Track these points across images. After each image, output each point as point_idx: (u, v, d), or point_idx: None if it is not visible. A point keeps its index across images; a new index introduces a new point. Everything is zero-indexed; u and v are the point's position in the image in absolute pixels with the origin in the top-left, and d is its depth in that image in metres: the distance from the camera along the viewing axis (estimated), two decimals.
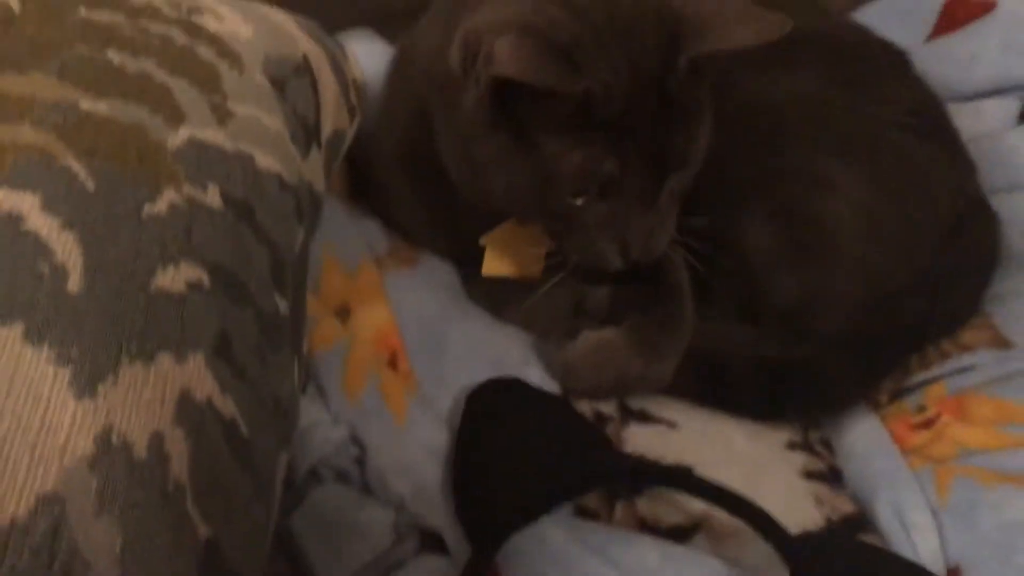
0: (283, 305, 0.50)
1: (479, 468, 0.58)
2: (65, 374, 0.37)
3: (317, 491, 0.53)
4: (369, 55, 0.83)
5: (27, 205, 0.41)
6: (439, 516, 0.54)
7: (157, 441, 0.38)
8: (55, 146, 0.44)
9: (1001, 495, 0.58)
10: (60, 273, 0.39)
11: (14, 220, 0.40)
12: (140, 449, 0.37)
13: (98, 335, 0.38)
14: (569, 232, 0.58)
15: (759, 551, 0.54)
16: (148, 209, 0.44)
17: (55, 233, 0.41)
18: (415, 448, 0.56)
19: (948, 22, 0.89)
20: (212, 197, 0.48)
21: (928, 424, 0.65)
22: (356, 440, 0.56)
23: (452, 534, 0.54)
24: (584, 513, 0.57)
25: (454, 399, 0.59)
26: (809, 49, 0.71)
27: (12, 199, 0.41)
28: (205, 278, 0.44)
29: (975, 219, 0.73)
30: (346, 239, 0.66)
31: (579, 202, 0.56)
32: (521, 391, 0.62)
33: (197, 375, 0.41)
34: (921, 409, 0.66)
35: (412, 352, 0.60)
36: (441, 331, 0.63)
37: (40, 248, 0.40)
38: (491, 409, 0.61)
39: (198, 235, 0.45)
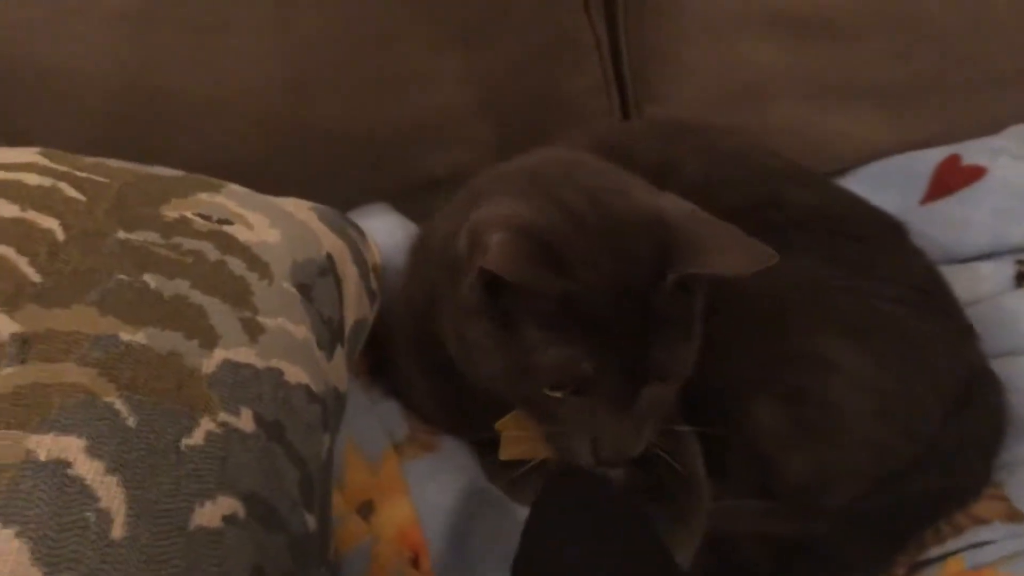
0: (311, 521, 0.51)
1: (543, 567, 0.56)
2: None
3: None
4: (386, 230, 0.86)
5: (73, 449, 0.43)
6: None
7: None
8: (98, 383, 0.47)
9: None
10: (104, 520, 0.41)
11: (62, 466, 0.43)
12: None
13: None
14: (545, 422, 0.60)
15: None
16: (186, 442, 0.47)
17: (100, 477, 0.43)
18: None
19: (940, 187, 0.92)
20: (245, 421, 0.50)
21: None
22: None
23: None
24: None
25: None
26: (806, 230, 0.74)
27: (59, 444, 0.43)
28: (240, 509, 0.46)
29: (980, 388, 0.74)
30: (367, 428, 0.68)
31: (555, 395, 0.58)
32: (595, 488, 0.60)
33: None
34: None
35: (434, 550, 0.61)
36: (463, 523, 0.64)
37: (86, 495, 0.42)
38: (562, 506, 0.58)
39: (233, 464, 0.47)
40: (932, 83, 0.95)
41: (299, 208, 0.72)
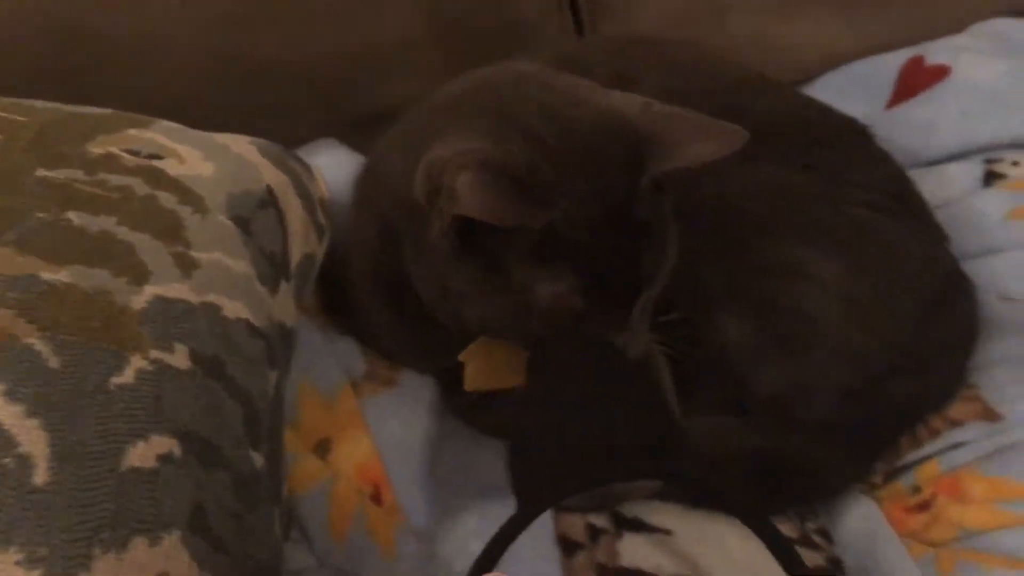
0: (259, 459, 0.49)
1: (541, 427, 0.54)
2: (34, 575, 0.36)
3: None
4: (336, 165, 0.83)
5: None
6: None
7: None
8: (16, 325, 0.44)
9: None
10: (25, 465, 0.39)
11: None
12: None
13: (68, 529, 0.38)
14: (544, 354, 0.57)
15: None
16: (115, 381, 0.44)
17: (19, 421, 0.40)
18: None
19: (905, 89, 0.90)
20: (180, 357, 0.47)
21: (925, 506, 0.64)
22: None
23: None
24: (568, 544, 0.56)
25: (442, 526, 0.58)
26: (771, 139, 0.71)
27: None
28: (176, 448, 0.43)
29: (953, 290, 0.73)
30: (322, 365, 0.65)
31: (555, 327, 0.55)
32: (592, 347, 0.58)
33: (173, 556, 0.40)
34: (916, 490, 0.66)
35: (397, 483, 0.59)
36: (425, 455, 0.62)
37: (4, 440, 0.39)
38: (560, 364, 0.57)
39: (167, 401, 0.45)
40: None
41: (237, 142, 0.68)
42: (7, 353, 0.42)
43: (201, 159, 0.62)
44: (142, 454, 0.42)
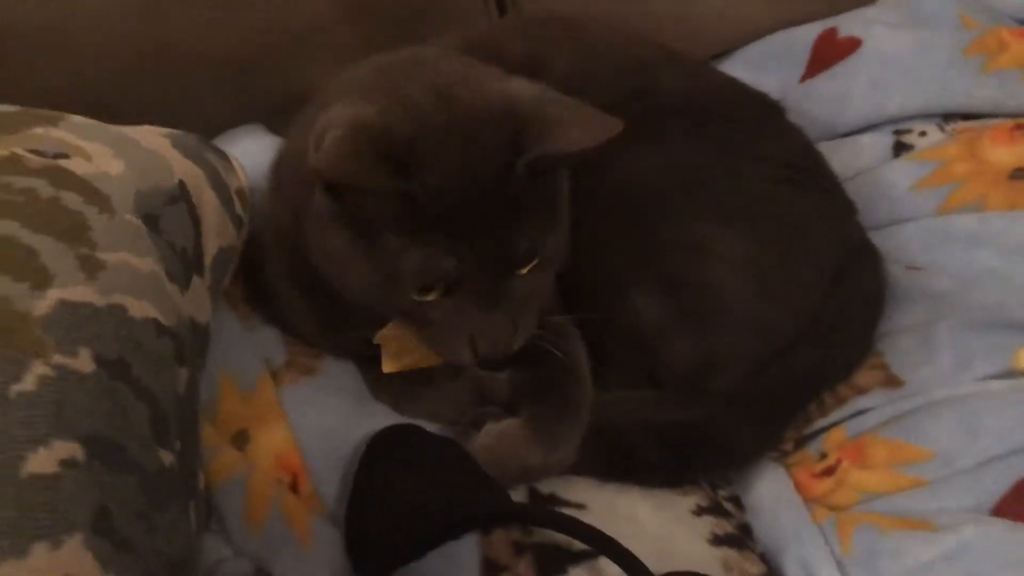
0: (168, 457, 0.50)
1: (373, 504, 0.59)
2: None
3: None
4: (259, 151, 0.83)
5: None
6: None
7: None
8: None
9: (899, 540, 0.60)
10: None
11: None
12: None
13: None
14: (421, 327, 0.59)
15: None
16: (15, 388, 0.45)
17: None
18: (322, 571, 0.56)
19: (819, 62, 0.92)
20: (83, 362, 0.48)
21: (830, 471, 0.67)
22: (262, 571, 0.56)
23: None
24: (492, 567, 0.58)
25: None
26: (681, 116, 0.73)
27: None
28: (79, 452, 0.44)
29: (859, 261, 0.75)
30: (241, 356, 0.66)
31: (425, 299, 0.57)
32: (419, 435, 0.64)
33: (75, 559, 0.41)
34: (823, 456, 0.69)
35: (315, 471, 0.61)
36: (345, 441, 0.63)
37: None
38: (391, 449, 0.62)
39: (70, 407, 0.46)
40: None
41: (149, 136, 0.68)
42: None
43: (110, 156, 0.62)
44: (43, 460, 0.42)
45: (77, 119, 0.65)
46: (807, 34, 0.94)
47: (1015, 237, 0.76)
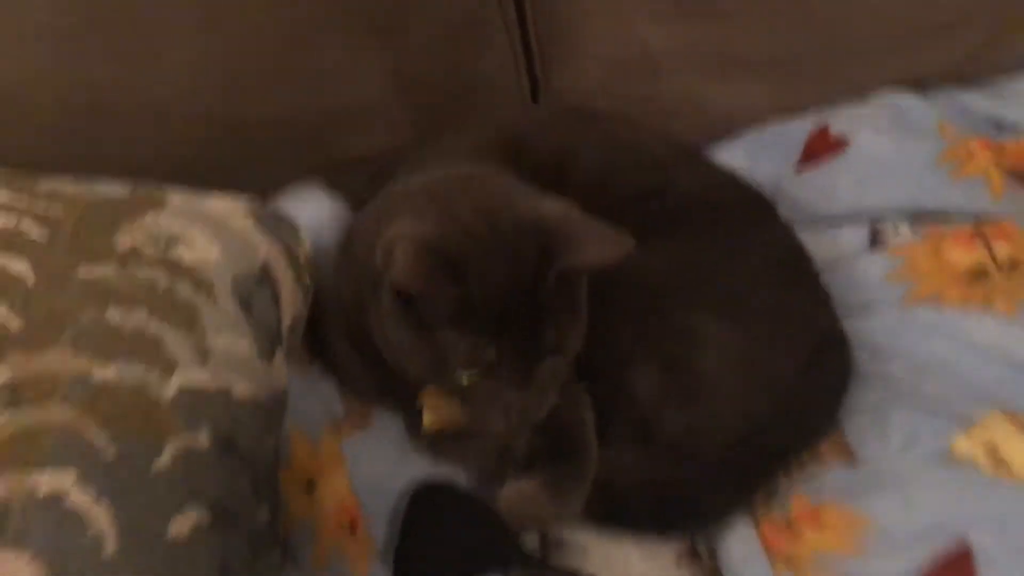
0: (264, 513, 0.63)
1: (414, 548, 0.74)
2: None
3: None
4: (317, 208, 0.96)
5: (67, 483, 0.54)
6: None
7: None
8: (79, 421, 0.57)
9: None
10: (98, 541, 0.52)
11: (58, 499, 0.53)
12: None
13: None
14: (463, 401, 0.72)
15: None
16: (157, 465, 0.57)
17: (91, 506, 0.53)
18: None
19: (811, 156, 1.04)
20: (202, 439, 0.61)
21: (792, 530, 0.80)
22: None
23: None
24: None
25: None
26: (687, 217, 0.85)
27: (54, 480, 0.54)
28: (205, 517, 0.57)
29: (830, 347, 0.87)
30: (308, 411, 0.79)
31: (467, 380, 0.70)
32: (454, 492, 0.78)
33: None
34: (786, 516, 0.81)
35: (368, 516, 0.74)
36: (392, 488, 0.76)
37: (81, 522, 0.53)
38: (430, 502, 0.77)
39: (196, 478, 0.58)
40: (804, 56, 1.04)
41: (235, 214, 0.80)
42: (75, 448, 0.55)
43: (209, 241, 0.74)
44: (180, 525, 0.55)
45: (177, 199, 0.77)
46: (802, 127, 1.05)
47: (965, 333, 0.89)
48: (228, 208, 0.80)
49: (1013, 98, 1.08)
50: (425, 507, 0.75)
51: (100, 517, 0.53)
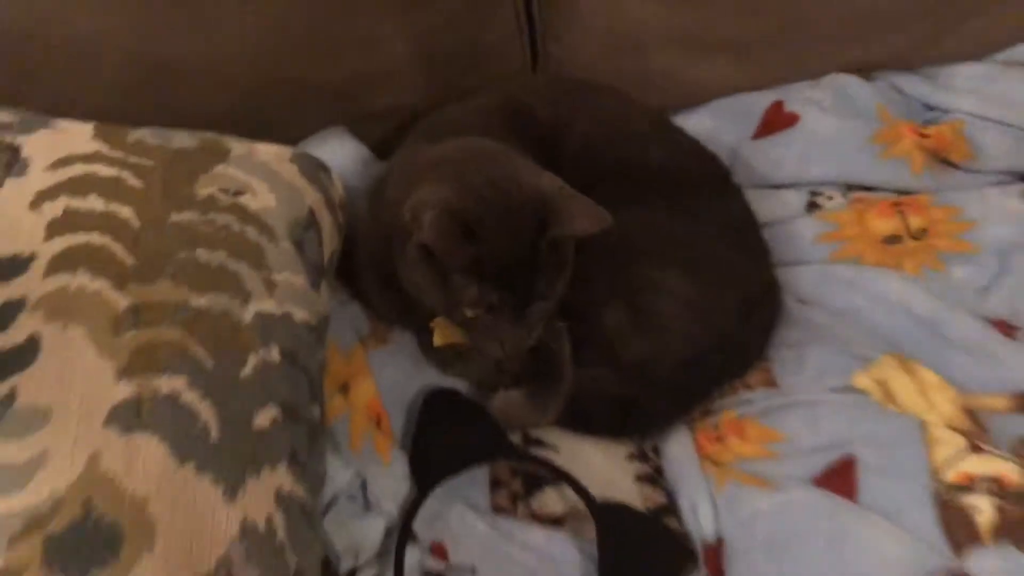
0: (317, 410, 0.82)
1: (426, 440, 0.94)
2: (220, 490, 0.69)
3: (336, 508, 0.88)
4: (341, 153, 1.13)
5: (180, 385, 0.73)
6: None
7: (269, 520, 0.71)
8: (185, 339, 0.75)
9: (751, 491, 0.93)
10: (206, 429, 0.71)
11: (175, 398, 0.72)
12: (262, 524, 0.70)
13: (234, 463, 0.71)
14: (469, 331, 0.91)
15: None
16: (243, 373, 0.76)
17: (197, 402, 0.72)
18: (396, 481, 0.91)
19: (768, 125, 1.21)
20: (274, 353, 0.79)
21: (720, 439, 1.01)
22: (360, 476, 0.90)
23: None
24: (498, 509, 0.93)
25: None
26: (657, 186, 1.03)
27: (170, 382, 0.72)
28: (279, 413, 0.76)
29: (766, 294, 1.07)
30: (341, 328, 0.97)
31: (472, 315, 0.89)
32: (458, 396, 0.99)
33: (284, 477, 0.74)
34: (716, 427, 1.02)
35: (391, 414, 0.94)
36: (408, 392, 0.96)
37: (192, 415, 0.71)
38: (439, 404, 0.97)
39: (270, 384, 0.77)
40: (768, 40, 1.22)
41: (282, 162, 0.96)
42: (184, 359, 0.74)
43: (267, 191, 0.91)
44: (261, 419, 0.74)
45: (238, 149, 0.94)
46: (761, 101, 1.23)
47: (876, 288, 1.08)
48: (275, 154, 0.97)
49: (946, 85, 1.26)
50: (435, 408, 0.95)
51: (205, 412, 0.72)
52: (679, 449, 0.99)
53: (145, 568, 0.65)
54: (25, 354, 0.71)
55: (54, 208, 0.79)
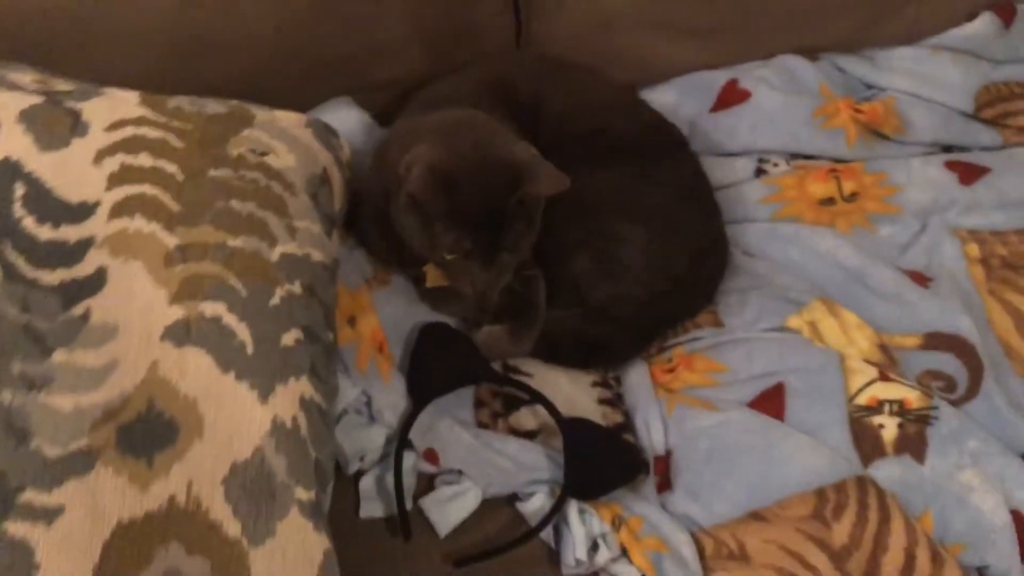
0: (330, 335, 0.98)
1: (421, 364, 1.10)
2: (255, 394, 0.85)
3: (346, 419, 1.05)
4: (347, 119, 1.29)
5: (221, 310, 0.88)
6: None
7: (294, 419, 0.87)
8: (224, 272, 0.91)
9: (696, 412, 1.10)
10: (243, 345, 0.87)
11: (217, 320, 0.88)
12: (289, 422, 0.86)
13: (266, 373, 0.87)
14: (447, 271, 1.08)
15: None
16: (271, 302, 0.91)
17: (235, 323, 0.88)
18: (395, 395, 1.07)
19: (722, 101, 1.37)
20: (297, 287, 0.95)
21: (672, 370, 1.17)
22: (365, 393, 1.06)
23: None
24: (481, 424, 1.10)
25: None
26: (620, 152, 1.19)
27: (213, 307, 0.88)
28: (301, 335, 0.92)
29: (714, 247, 1.24)
30: (349, 270, 1.13)
31: (451, 258, 1.04)
32: (448, 329, 1.15)
33: (306, 385, 0.89)
34: (669, 360, 1.18)
35: (391, 342, 1.10)
36: (405, 325, 1.13)
37: (231, 333, 0.87)
38: (432, 335, 1.13)
39: (295, 311, 0.93)
40: (726, 24, 1.38)
41: (299, 127, 1.11)
42: (223, 288, 0.89)
43: (287, 152, 1.05)
44: (287, 338, 0.90)
45: (261, 116, 1.09)
46: (718, 79, 1.39)
47: (812, 243, 1.25)
48: (293, 120, 1.12)
49: (882, 66, 1.42)
50: (428, 338, 1.11)
51: (242, 332, 0.88)
52: (637, 378, 1.16)
53: (196, 453, 0.81)
54: (95, 282, 0.87)
55: (112, 163, 0.94)
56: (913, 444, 1.06)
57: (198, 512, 0.79)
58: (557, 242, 1.14)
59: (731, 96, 1.37)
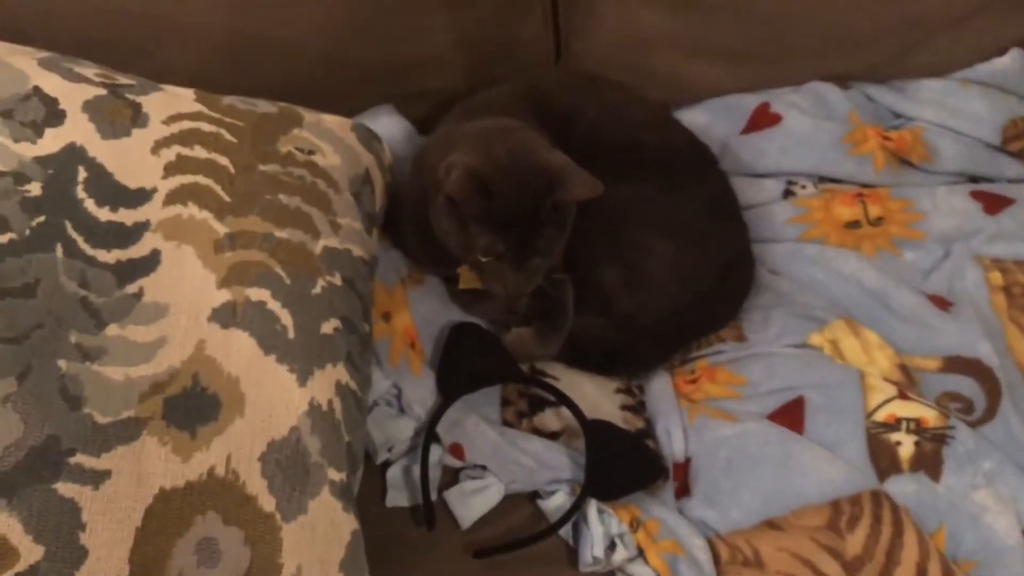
0: (366, 327, 1.02)
1: (451, 362, 1.14)
2: (294, 376, 0.89)
3: (376, 410, 1.09)
4: (389, 126, 1.33)
5: (266, 295, 0.92)
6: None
7: (330, 402, 0.91)
8: (269, 261, 0.95)
9: (717, 423, 1.13)
10: (285, 330, 0.91)
11: (262, 304, 0.92)
12: (325, 405, 0.90)
13: (305, 358, 0.91)
14: (480, 273, 1.11)
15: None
16: (313, 291, 0.96)
17: (279, 309, 0.92)
18: (424, 390, 1.11)
19: (754, 123, 1.41)
20: (337, 279, 0.99)
21: (694, 381, 1.20)
22: (396, 385, 1.10)
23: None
24: (507, 423, 1.13)
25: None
26: (650, 165, 1.23)
27: (259, 294, 0.92)
28: (339, 324, 0.96)
29: (741, 264, 1.27)
30: (385, 269, 1.17)
31: (484, 260, 1.08)
32: (479, 329, 1.18)
33: (342, 372, 0.93)
34: (692, 372, 1.21)
35: (422, 339, 1.14)
36: (437, 324, 1.16)
37: (275, 318, 0.91)
38: (463, 334, 1.17)
39: (334, 302, 0.97)
40: (759, 49, 1.42)
41: (344, 130, 1.16)
42: (269, 276, 0.93)
43: (332, 152, 1.10)
44: (327, 327, 0.94)
45: (309, 117, 1.14)
46: (750, 102, 1.43)
47: (836, 265, 1.28)
48: (338, 123, 1.17)
49: (911, 96, 1.45)
50: (458, 337, 1.15)
51: (284, 317, 0.92)
52: (659, 387, 1.19)
53: (236, 428, 0.85)
54: (149, 263, 0.91)
55: (169, 154, 0.99)
56: (929, 462, 1.08)
57: (235, 485, 0.83)
58: (586, 252, 1.18)
59: (762, 119, 1.41)
